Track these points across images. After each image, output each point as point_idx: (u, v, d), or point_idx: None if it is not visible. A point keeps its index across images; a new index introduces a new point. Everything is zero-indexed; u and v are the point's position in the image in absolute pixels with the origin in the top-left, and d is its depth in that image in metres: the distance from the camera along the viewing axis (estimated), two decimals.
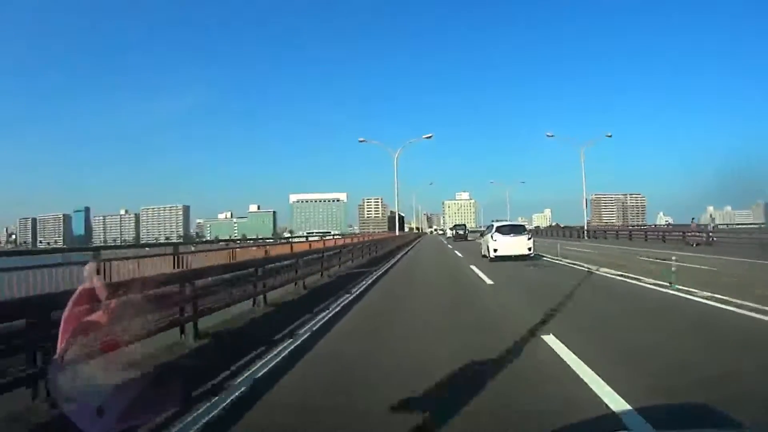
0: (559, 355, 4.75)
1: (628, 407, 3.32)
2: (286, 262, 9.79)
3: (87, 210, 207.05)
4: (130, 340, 4.10)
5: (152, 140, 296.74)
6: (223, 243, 14.33)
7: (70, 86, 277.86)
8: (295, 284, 10.22)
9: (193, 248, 9.43)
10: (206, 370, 4.48)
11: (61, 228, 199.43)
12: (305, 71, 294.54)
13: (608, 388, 3.71)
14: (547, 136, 44.29)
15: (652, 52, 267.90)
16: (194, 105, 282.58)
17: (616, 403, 3.43)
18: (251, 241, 17.11)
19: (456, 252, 25.58)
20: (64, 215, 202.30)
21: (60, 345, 3.05)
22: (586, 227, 47.91)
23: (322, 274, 12.99)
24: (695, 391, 3.53)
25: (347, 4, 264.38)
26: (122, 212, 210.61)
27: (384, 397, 3.56)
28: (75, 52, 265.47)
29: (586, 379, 3.98)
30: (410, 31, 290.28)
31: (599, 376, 4.01)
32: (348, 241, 20.97)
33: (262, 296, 8.10)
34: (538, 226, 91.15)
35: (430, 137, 40.99)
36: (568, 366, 4.39)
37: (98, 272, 4.01)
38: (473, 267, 15.56)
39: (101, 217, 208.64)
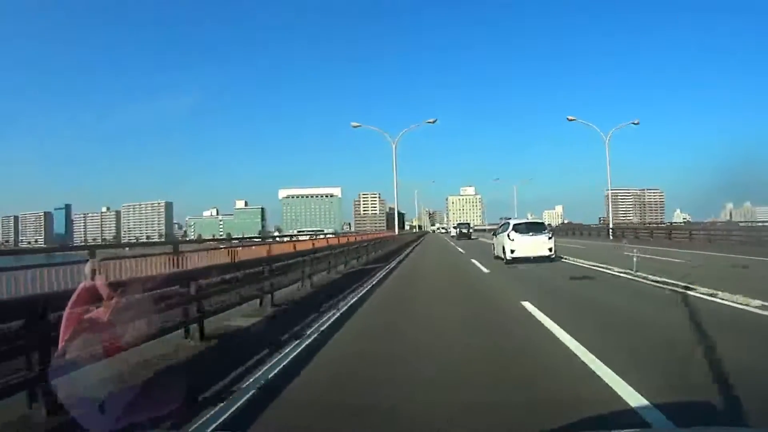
0: None
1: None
2: None
3: (68, 207, 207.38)
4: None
5: (136, 137, 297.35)
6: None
7: (52, 84, 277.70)
8: None
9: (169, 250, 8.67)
10: None
11: (42, 226, 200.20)
12: (297, 62, 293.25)
13: None
14: (569, 119, 41.10)
15: (669, 46, 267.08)
16: (178, 101, 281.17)
17: None
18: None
19: (475, 262, 18.65)
20: (45, 213, 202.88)
21: (61, 344, 3.46)
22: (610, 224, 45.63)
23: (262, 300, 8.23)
24: None
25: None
26: (103, 209, 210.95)
27: None
28: (55, 51, 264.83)
29: None
30: (411, 26, 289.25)
31: None
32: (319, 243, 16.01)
33: None
34: (550, 224, 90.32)
35: (433, 122, 39.08)
36: None
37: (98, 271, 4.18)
38: (531, 307, 8.06)
39: (82, 215, 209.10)
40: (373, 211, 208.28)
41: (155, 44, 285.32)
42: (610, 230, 39.63)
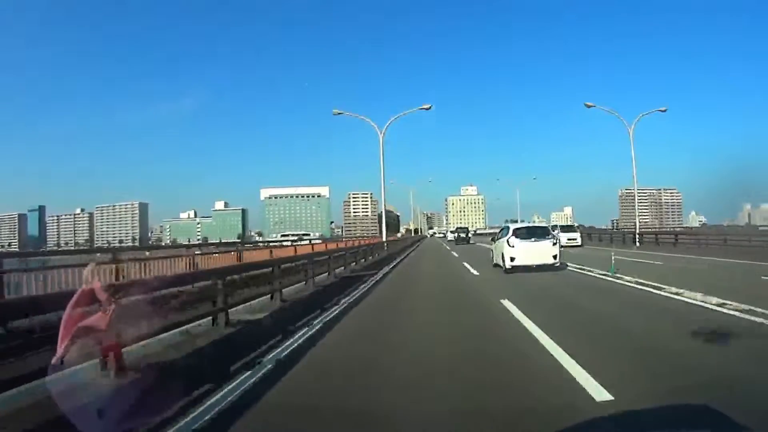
0: None
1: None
2: None
3: (42, 209, 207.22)
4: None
5: (115, 136, 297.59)
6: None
7: (29, 85, 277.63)
8: None
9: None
10: None
11: (17, 228, 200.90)
12: (285, 54, 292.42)
13: None
14: (587, 106, 37.98)
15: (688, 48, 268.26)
16: (157, 95, 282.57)
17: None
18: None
19: (513, 310, 9.12)
20: (19, 215, 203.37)
21: (60, 347, 3.99)
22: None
23: None
24: None
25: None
26: (77, 211, 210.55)
27: None
28: (30, 53, 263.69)
29: None
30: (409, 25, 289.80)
31: None
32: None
33: None
34: (556, 226, 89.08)
35: (428, 108, 37.12)
36: None
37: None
38: None
39: (55, 217, 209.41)
40: (365, 213, 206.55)
41: (135, 47, 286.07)
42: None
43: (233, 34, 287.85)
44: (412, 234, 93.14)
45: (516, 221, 21.04)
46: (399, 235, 60.81)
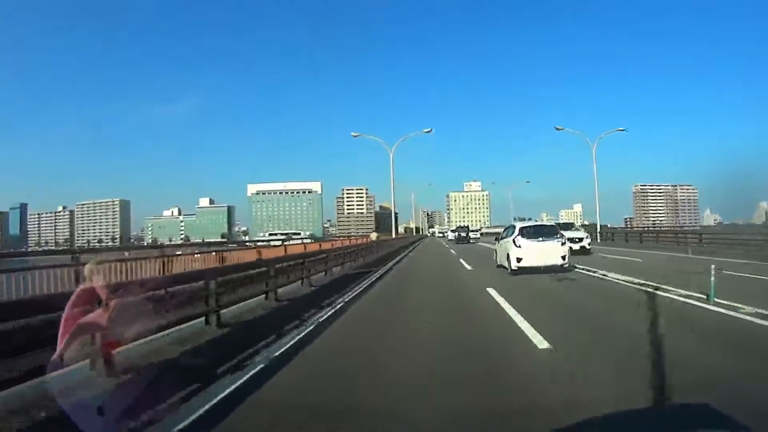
0: None
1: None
2: None
3: (23, 207, 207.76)
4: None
5: (102, 133, 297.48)
6: None
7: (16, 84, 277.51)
8: None
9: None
10: None
11: None
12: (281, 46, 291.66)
13: None
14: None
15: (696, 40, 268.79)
16: (146, 95, 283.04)
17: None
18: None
19: None
20: (1, 213, 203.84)
21: (60, 345, 4.24)
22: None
23: None
24: None
25: None
26: (59, 209, 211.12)
27: None
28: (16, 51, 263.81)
29: None
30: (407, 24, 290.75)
31: None
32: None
33: None
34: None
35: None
36: None
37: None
38: None
39: (36, 215, 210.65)
40: (360, 210, 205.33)
41: (125, 47, 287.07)
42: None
43: (223, 33, 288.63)
44: (395, 235, 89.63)
45: (524, 219, 20.33)
46: (374, 236, 56.76)
